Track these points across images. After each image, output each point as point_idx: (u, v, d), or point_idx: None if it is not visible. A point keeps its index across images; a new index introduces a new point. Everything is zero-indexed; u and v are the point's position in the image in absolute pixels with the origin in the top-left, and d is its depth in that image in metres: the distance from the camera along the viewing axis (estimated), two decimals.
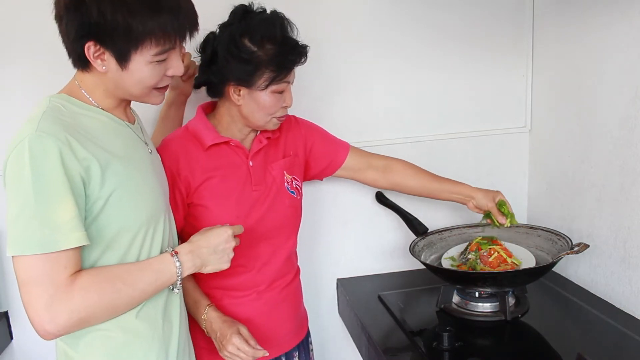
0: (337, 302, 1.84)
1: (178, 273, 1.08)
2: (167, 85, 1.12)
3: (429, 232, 1.66)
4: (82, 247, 0.99)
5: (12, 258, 0.96)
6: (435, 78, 1.78)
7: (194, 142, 1.34)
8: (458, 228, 1.71)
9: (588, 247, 1.43)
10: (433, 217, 1.79)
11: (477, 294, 1.49)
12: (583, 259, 1.63)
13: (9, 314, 1.63)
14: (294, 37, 1.31)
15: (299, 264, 1.55)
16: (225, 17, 1.31)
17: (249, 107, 1.32)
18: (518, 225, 1.65)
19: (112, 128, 1.08)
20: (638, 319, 1.43)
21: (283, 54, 1.28)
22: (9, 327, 1.63)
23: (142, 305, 1.08)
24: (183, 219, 1.34)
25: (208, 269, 1.14)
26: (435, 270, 1.53)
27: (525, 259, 1.53)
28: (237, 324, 1.27)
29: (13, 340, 1.65)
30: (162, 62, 1.05)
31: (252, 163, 1.38)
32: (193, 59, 1.45)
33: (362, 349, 1.57)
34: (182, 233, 1.34)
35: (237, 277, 1.37)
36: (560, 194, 1.72)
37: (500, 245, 1.54)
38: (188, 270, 1.10)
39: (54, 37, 1.05)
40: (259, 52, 1.26)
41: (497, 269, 1.47)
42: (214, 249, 1.13)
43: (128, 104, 1.15)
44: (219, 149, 1.35)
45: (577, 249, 1.42)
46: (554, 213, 1.76)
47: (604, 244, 1.54)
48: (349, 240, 1.82)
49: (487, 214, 1.55)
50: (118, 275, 1.02)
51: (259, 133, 1.40)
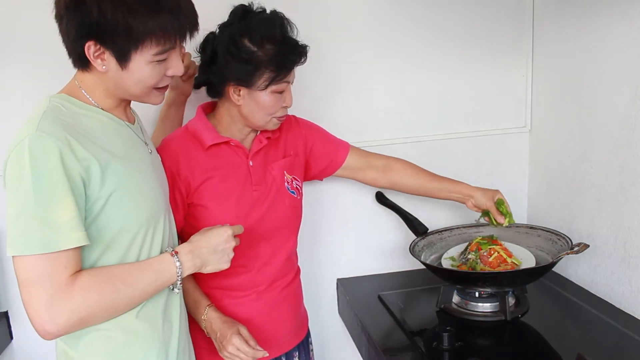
0: (337, 302, 1.84)
1: (178, 273, 1.08)
2: (167, 85, 1.12)
3: (429, 232, 1.67)
4: (82, 247, 0.99)
5: (12, 258, 0.96)
6: (435, 78, 1.78)
7: (194, 142, 1.34)
8: (458, 228, 1.72)
9: (588, 247, 1.43)
10: (433, 217, 1.79)
11: (477, 294, 1.49)
12: (583, 259, 1.63)
13: (9, 314, 1.63)
14: (294, 37, 1.31)
15: (299, 264, 1.55)
16: (225, 17, 1.31)
17: (249, 107, 1.32)
18: (518, 225, 1.65)
19: (112, 128, 1.08)
20: (638, 319, 1.43)
21: (283, 54, 1.28)
22: (9, 327, 1.63)
23: (142, 305, 1.08)
24: (183, 219, 1.34)
25: (208, 269, 1.14)
26: (435, 270, 1.53)
27: (525, 259, 1.53)
28: (237, 325, 1.27)
29: (13, 340, 1.65)
30: (162, 62, 1.05)
31: (252, 163, 1.38)
32: (193, 59, 1.45)
33: (362, 349, 1.57)
34: (182, 233, 1.34)
35: (237, 277, 1.37)
36: (560, 194, 1.72)
37: (500, 245, 1.54)
38: (188, 270, 1.11)
39: (54, 37, 1.05)
40: (259, 52, 1.26)
41: (497, 269, 1.47)
42: (214, 249, 1.13)
43: (128, 104, 1.15)
44: (219, 149, 1.35)
45: (577, 249, 1.42)
46: (554, 213, 1.76)
47: (604, 244, 1.54)
48: (349, 240, 1.82)
49: (484, 212, 1.55)
50: (118, 275, 1.02)
51: (259, 133, 1.40)
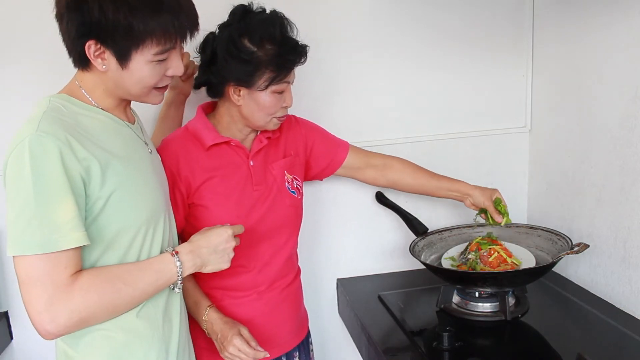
0: (337, 302, 1.84)
1: (179, 273, 1.08)
2: (166, 85, 1.12)
3: (429, 232, 1.67)
4: (82, 247, 0.99)
5: (12, 258, 0.96)
6: (435, 78, 1.78)
7: (194, 142, 1.34)
8: (458, 228, 1.72)
9: (588, 247, 1.43)
10: (433, 217, 1.79)
11: (477, 294, 1.49)
12: (583, 259, 1.63)
13: (9, 314, 1.63)
14: (294, 37, 1.31)
15: (299, 264, 1.54)
16: (225, 17, 1.31)
17: (249, 107, 1.32)
18: (518, 225, 1.66)
19: (112, 128, 1.08)
20: (638, 319, 1.43)
21: (283, 54, 1.28)
22: (9, 327, 1.63)
23: (142, 305, 1.08)
24: (184, 219, 1.34)
25: (208, 269, 1.14)
26: (435, 270, 1.53)
27: (525, 259, 1.53)
28: (238, 325, 1.27)
29: (13, 340, 1.65)
30: (162, 61, 1.05)
31: (252, 163, 1.38)
32: (192, 59, 1.45)
33: (362, 349, 1.57)
34: (182, 233, 1.34)
35: (237, 277, 1.37)
36: (560, 194, 1.72)
37: (500, 245, 1.54)
38: (188, 270, 1.11)
39: (54, 37, 1.05)
40: (259, 52, 1.26)
41: (497, 269, 1.47)
42: (214, 249, 1.13)
43: (128, 104, 1.15)
44: (220, 149, 1.35)
45: (577, 249, 1.42)
46: (554, 213, 1.76)
47: (604, 244, 1.54)
48: (349, 240, 1.82)
49: (481, 210, 1.55)
50: (118, 275, 1.02)
51: (259, 133, 1.40)
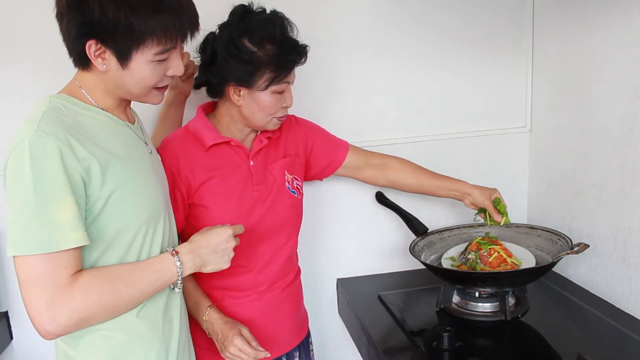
0: (337, 302, 1.84)
1: (179, 273, 1.08)
2: (166, 85, 1.12)
3: (429, 232, 1.67)
4: (82, 247, 0.99)
5: (12, 258, 0.96)
6: (435, 78, 1.78)
7: (194, 142, 1.34)
8: (458, 228, 1.72)
9: (588, 247, 1.43)
10: (433, 217, 1.79)
11: (477, 294, 1.49)
12: (583, 259, 1.63)
13: (9, 314, 1.63)
14: (294, 37, 1.31)
15: (299, 264, 1.54)
16: (225, 17, 1.31)
17: (249, 107, 1.32)
18: (518, 225, 1.66)
19: (112, 128, 1.08)
20: (638, 319, 1.43)
21: (283, 54, 1.28)
22: (9, 327, 1.63)
23: (142, 305, 1.08)
24: (184, 219, 1.34)
25: (208, 269, 1.14)
26: (435, 270, 1.53)
27: (525, 259, 1.53)
28: (238, 325, 1.27)
29: (13, 340, 1.65)
30: (162, 61, 1.05)
31: (253, 163, 1.38)
32: (192, 59, 1.45)
33: (362, 349, 1.57)
34: (182, 233, 1.34)
35: (237, 277, 1.37)
36: (560, 194, 1.72)
37: (500, 245, 1.54)
38: (188, 270, 1.11)
39: (54, 37, 1.05)
40: (259, 52, 1.26)
41: (497, 269, 1.47)
42: (214, 249, 1.13)
43: (128, 104, 1.15)
44: (220, 149, 1.35)
45: (577, 249, 1.42)
46: (554, 213, 1.76)
47: (604, 244, 1.54)
48: (349, 240, 1.82)
49: (481, 209, 1.55)
50: (118, 275, 1.02)
51: (260, 133, 1.40)
